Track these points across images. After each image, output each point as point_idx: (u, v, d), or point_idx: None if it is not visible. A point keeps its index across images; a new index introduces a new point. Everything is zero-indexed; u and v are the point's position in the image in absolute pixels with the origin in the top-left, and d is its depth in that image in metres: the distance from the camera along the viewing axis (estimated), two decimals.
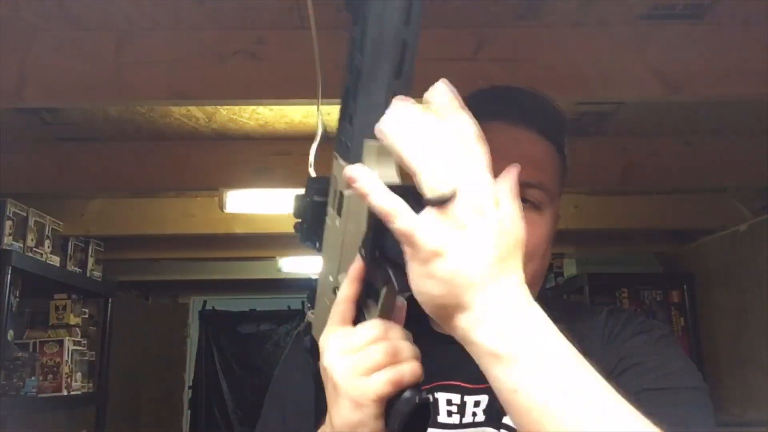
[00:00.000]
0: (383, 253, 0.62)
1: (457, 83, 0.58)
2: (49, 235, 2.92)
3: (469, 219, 0.53)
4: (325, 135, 0.88)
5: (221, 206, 2.59)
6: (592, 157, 2.39)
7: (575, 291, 3.56)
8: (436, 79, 0.97)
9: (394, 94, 0.59)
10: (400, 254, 0.59)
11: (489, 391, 0.83)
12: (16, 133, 2.28)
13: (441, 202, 0.53)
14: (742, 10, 1.55)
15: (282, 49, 1.61)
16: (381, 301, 0.65)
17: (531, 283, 0.86)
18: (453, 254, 0.53)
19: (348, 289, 0.66)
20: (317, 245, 0.73)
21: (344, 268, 0.67)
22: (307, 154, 0.86)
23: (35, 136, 2.38)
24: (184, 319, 5.85)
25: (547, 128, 0.91)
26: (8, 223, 2.63)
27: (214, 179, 2.47)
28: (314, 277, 0.77)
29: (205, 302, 5.89)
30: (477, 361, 0.56)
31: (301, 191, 0.75)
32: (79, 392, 3.16)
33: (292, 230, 0.76)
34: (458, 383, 0.86)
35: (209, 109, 2.15)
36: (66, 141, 2.42)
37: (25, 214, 2.74)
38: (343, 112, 0.63)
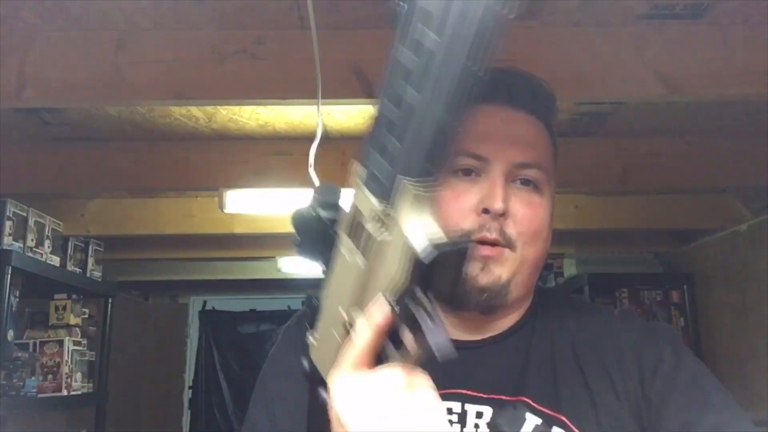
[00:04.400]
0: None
1: None
2: (49, 235, 2.91)
3: None
4: (325, 135, 0.88)
5: (221, 206, 2.59)
6: (592, 157, 2.39)
7: (575, 291, 3.55)
8: None
9: (444, 134, 0.55)
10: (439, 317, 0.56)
11: (493, 402, 0.82)
12: (16, 133, 2.28)
13: None
14: (742, 10, 1.55)
15: (282, 49, 1.60)
16: (409, 356, 0.60)
17: (534, 267, 0.87)
18: None
19: (371, 338, 0.60)
20: (320, 261, 0.69)
21: (361, 306, 0.62)
22: (307, 155, 0.86)
23: (35, 136, 2.38)
24: (184, 319, 5.85)
25: (537, 107, 0.89)
26: (8, 223, 2.62)
27: (214, 179, 2.47)
28: (313, 294, 0.72)
29: (205, 302, 5.89)
30: None
31: (297, 192, 0.72)
32: (79, 392, 3.16)
33: (292, 230, 0.74)
34: (461, 391, 0.83)
35: (209, 109, 2.14)
36: (66, 141, 2.42)
37: (25, 214, 2.74)
38: (376, 143, 0.58)
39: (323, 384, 0.67)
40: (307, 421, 0.75)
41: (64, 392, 3.01)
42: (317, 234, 0.68)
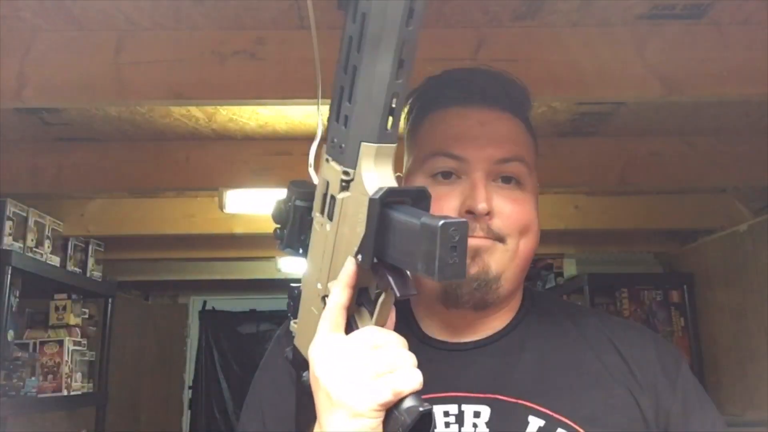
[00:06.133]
0: (381, 258, 0.60)
1: None
2: (49, 235, 2.91)
3: None
4: (325, 135, 0.88)
5: (221, 206, 2.59)
6: (592, 157, 2.39)
7: (575, 291, 3.55)
8: None
9: (395, 96, 0.58)
10: (401, 259, 0.58)
11: (491, 402, 0.82)
12: (16, 133, 2.28)
13: None
14: (742, 10, 1.55)
15: (282, 49, 1.60)
16: (378, 307, 0.63)
17: (525, 260, 0.88)
18: None
19: (340, 295, 0.63)
20: (300, 251, 0.71)
21: (334, 274, 0.64)
22: (307, 154, 0.85)
23: (35, 136, 2.38)
24: (184, 319, 5.84)
25: (511, 104, 0.90)
26: (8, 223, 2.62)
27: (214, 179, 2.47)
28: (294, 285, 0.74)
29: (205, 302, 5.89)
30: None
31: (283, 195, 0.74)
32: (79, 392, 3.16)
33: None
34: (456, 394, 0.83)
35: (209, 109, 2.14)
36: (66, 141, 2.42)
37: (25, 214, 2.74)
38: (335, 112, 0.62)
39: (306, 366, 0.67)
40: (295, 413, 0.75)
41: (64, 392, 3.01)
42: (296, 223, 0.71)
